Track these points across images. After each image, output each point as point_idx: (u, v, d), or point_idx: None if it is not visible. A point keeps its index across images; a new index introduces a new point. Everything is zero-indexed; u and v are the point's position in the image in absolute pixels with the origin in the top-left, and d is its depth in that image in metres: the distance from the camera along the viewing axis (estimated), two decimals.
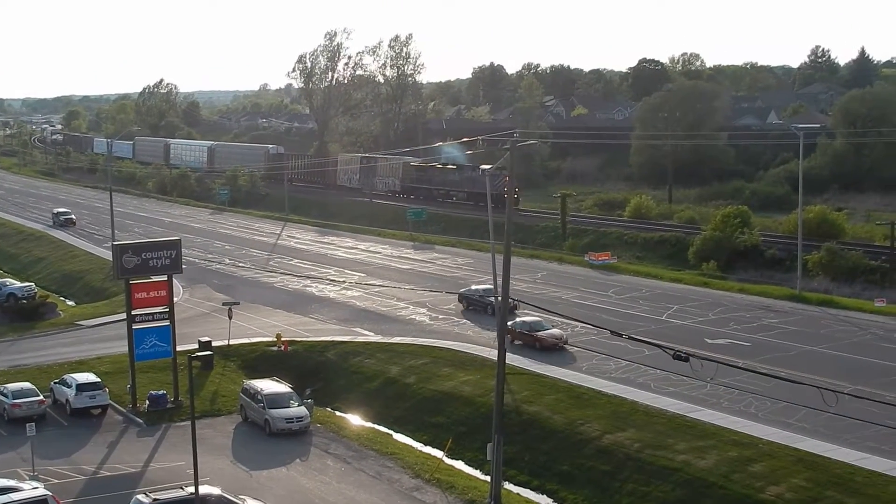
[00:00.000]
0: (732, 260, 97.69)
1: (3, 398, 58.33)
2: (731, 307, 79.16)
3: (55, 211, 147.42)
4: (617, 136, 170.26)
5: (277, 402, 56.32)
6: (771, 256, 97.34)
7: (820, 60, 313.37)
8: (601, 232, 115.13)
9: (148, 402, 59.72)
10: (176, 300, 67.87)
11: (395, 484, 49.17)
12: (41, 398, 58.65)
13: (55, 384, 61.07)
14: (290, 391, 57.95)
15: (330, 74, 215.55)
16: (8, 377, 63.52)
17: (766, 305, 79.55)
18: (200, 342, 67.62)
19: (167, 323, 59.87)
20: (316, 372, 68.48)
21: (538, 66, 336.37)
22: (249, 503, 44.80)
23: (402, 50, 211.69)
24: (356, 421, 61.07)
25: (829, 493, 43.53)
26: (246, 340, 73.51)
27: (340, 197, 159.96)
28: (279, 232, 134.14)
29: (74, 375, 60.76)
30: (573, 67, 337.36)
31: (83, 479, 49.38)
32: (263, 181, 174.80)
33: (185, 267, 65.69)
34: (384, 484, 49.15)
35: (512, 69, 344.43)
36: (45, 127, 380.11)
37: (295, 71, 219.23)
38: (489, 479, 46.77)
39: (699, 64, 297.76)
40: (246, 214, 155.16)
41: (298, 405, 56.77)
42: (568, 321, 69.59)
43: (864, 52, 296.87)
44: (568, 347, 67.84)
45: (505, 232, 43.61)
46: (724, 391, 55.86)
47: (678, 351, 36.29)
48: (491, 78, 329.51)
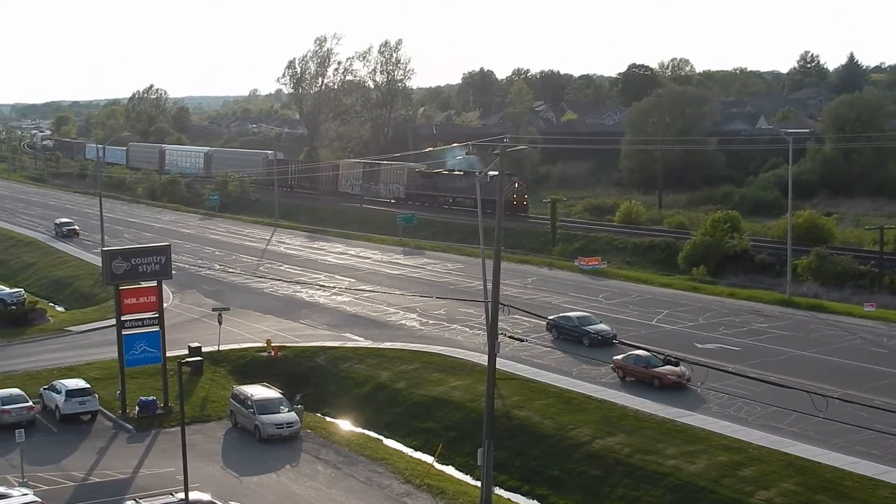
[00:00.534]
0: (722, 265, 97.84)
1: None
2: (720, 312, 79.27)
3: (57, 221, 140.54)
4: (607, 141, 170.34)
5: (267, 407, 56.24)
6: (760, 261, 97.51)
7: (809, 65, 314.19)
8: (591, 237, 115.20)
9: (138, 407, 59.57)
10: (166, 306, 67.76)
11: (385, 490, 49.12)
12: (30, 404, 58.47)
13: (44, 390, 60.89)
14: (280, 397, 57.88)
15: (320, 80, 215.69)
16: None
17: (755, 310, 79.67)
18: (190, 348, 67.52)
19: (157, 328, 59.74)
20: (306, 377, 68.40)
21: (528, 71, 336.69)
22: None
23: (391, 55, 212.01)
24: (346, 426, 61.02)
25: (819, 497, 43.60)
26: (236, 346, 73.38)
27: (333, 202, 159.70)
28: (269, 237, 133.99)
29: (64, 381, 60.63)
30: (563, 73, 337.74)
31: (72, 485, 49.25)
32: (260, 187, 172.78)
33: (174, 272, 65.51)
34: (374, 490, 49.10)
35: (502, 74, 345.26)
36: (34, 132, 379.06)
37: (285, 76, 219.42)
38: (479, 484, 46.77)
39: (689, 69, 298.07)
40: (236, 220, 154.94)
41: (288, 411, 56.70)
42: None
43: (853, 57, 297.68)
44: (691, 386, 58.40)
45: (495, 237, 43.65)
46: (714, 396, 55.94)
47: (668, 355, 36.30)
48: (481, 83, 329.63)
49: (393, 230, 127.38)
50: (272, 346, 71.74)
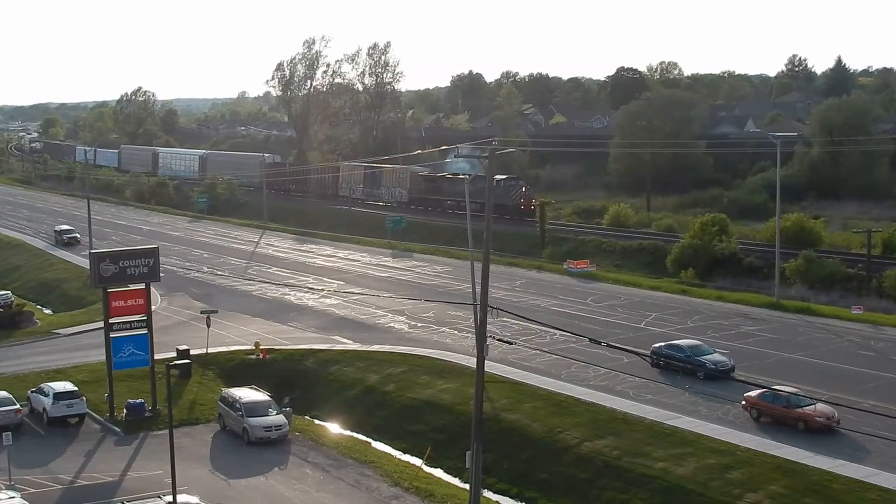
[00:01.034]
0: (710, 268, 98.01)
1: None
2: (709, 315, 79.37)
3: (58, 228, 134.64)
4: (595, 144, 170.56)
5: (256, 410, 56.16)
6: (749, 264, 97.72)
7: (797, 69, 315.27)
8: (580, 240, 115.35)
9: (126, 410, 59.46)
10: (154, 308, 67.57)
11: (374, 492, 49.08)
12: (18, 407, 58.29)
13: (32, 393, 60.71)
14: (268, 399, 57.81)
15: (308, 82, 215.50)
16: None
17: (743, 313, 79.79)
18: (178, 350, 67.37)
19: (145, 331, 59.65)
20: (294, 380, 68.32)
21: (517, 74, 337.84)
22: None
23: (380, 58, 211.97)
24: (335, 429, 60.97)
25: (806, 500, 43.69)
26: (224, 349, 73.26)
27: (322, 205, 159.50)
28: (257, 240, 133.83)
29: (51, 384, 60.44)
30: (552, 76, 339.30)
31: (60, 488, 49.12)
32: (256, 191, 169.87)
33: (163, 275, 65.37)
34: (363, 492, 49.07)
35: (490, 77, 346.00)
36: (22, 135, 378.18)
37: (273, 79, 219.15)
38: (468, 487, 46.72)
39: (677, 72, 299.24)
40: (224, 222, 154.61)
41: (277, 413, 56.64)
42: (546, 329, 69.73)
43: (840, 60, 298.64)
44: (841, 429, 50.59)
45: (484, 240, 43.63)
46: (702, 398, 56.01)
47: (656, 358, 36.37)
48: (470, 86, 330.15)
49: (382, 233, 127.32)
50: (261, 348, 71.64)
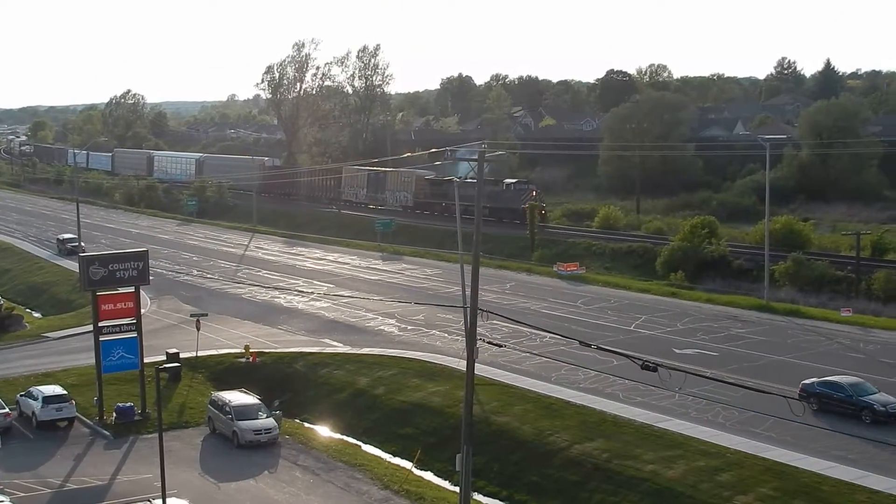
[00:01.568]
0: (700, 270, 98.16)
1: None
2: (698, 317, 79.49)
3: (61, 237, 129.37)
4: (585, 146, 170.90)
5: (246, 413, 56.09)
6: (738, 266, 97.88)
7: (786, 72, 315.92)
8: (570, 242, 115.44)
9: (115, 414, 59.31)
10: (143, 312, 67.50)
11: (363, 496, 49.03)
12: (7, 411, 58.16)
13: (21, 396, 60.54)
14: (258, 403, 57.74)
15: (298, 85, 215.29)
16: None
17: (733, 315, 79.94)
18: (168, 354, 67.22)
19: (134, 335, 59.51)
20: (284, 383, 68.24)
21: (506, 76, 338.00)
22: None
23: (370, 61, 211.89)
24: (325, 432, 60.90)
25: (796, 502, 43.72)
26: (214, 352, 73.15)
27: (311, 208, 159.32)
28: (247, 243, 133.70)
29: (41, 388, 60.28)
30: (541, 78, 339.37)
31: (49, 492, 48.97)
32: (249, 195, 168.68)
33: (152, 278, 65.39)
34: (353, 496, 49.01)
35: (480, 80, 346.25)
36: (10, 138, 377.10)
37: (263, 81, 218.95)
38: (458, 489, 46.69)
39: (666, 75, 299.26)
40: (214, 225, 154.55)
41: (267, 417, 56.57)
42: (537, 332, 69.76)
43: (829, 63, 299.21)
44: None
45: (474, 243, 43.62)
46: (692, 401, 56.05)
47: (646, 361, 36.38)
48: (459, 89, 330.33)
49: (371, 235, 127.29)
50: (250, 351, 71.56)
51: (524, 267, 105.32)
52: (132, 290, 59.85)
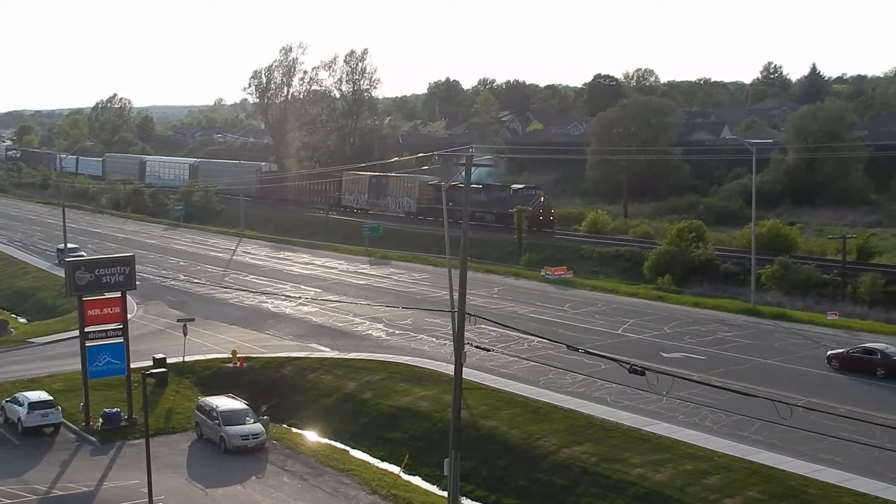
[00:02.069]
0: (687, 274, 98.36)
1: None
2: (686, 321, 79.63)
3: (61, 247, 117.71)
4: (572, 151, 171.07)
5: (233, 418, 55.95)
6: (725, 270, 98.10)
7: (772, 76, 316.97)
8: (557, 246, 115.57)
9: (101, 420, 59.09)
10: (130, 317, 67.24)
11: (351, 500, 48.94)
12: None
13: (7, 402, 60.24)
14: (245, 408, 57.60)
15: (285, 89, 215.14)
16: None
17: (720, 319, 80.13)
18: (155, 359, 67.08)
19: (121, 340, 59.30)
20: (272, 388, 68.09)
21: (494, 81, 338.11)
22: None
23: (357, 65, 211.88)
24: (313, 437, 60.81)
25: None
26: (201, 357, 72.96)
27: (299, 212, 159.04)
28: (234, 248, 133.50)
29: (26, 394, 60.02)
30: (529, 83, 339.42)
31: (35, 498, 48.74)
32: (248, 201, 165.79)
33: (139, 283, 65.08)
34: (341, 500, 48.92)
35: (468, 84, 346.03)
36: None
37: (250, 86, 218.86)
38: (447, 494, 46.65)
39: (653, 79, 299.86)
40: (201, 230, 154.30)
41: (254, 422, 56.44)
42: (524, 336, 69.80)
43: (815, 68, 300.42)
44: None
45: (461, 247, 43.62)
46: (679, 404, 56.14)
47: (634, 365, 36.39)
48: (447, 93, 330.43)
49: (359, 240, 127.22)
50: (238, 356, 71.40)
51: (512, 271, 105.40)
52: (118, 295, 59.63)
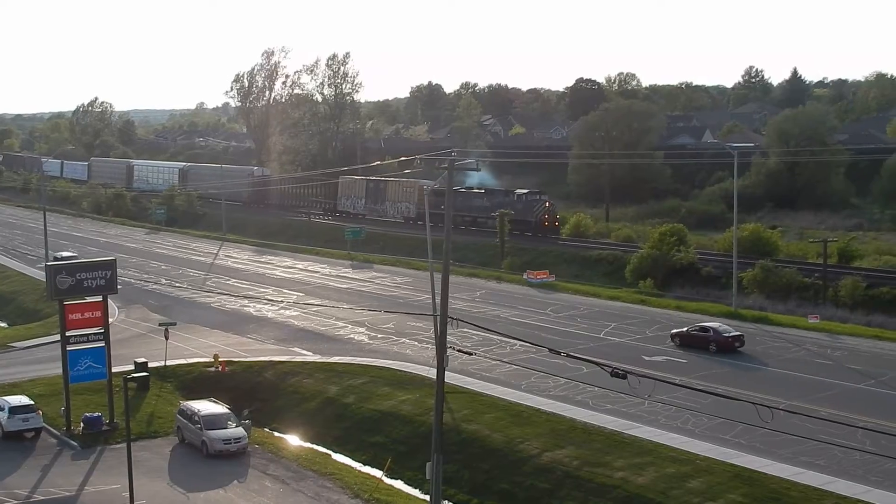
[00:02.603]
0: (669, 278, 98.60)
1: None
2: (668, 324, 79.69)
3: (59, 255, 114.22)
4: (555, 154, 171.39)
5: (215, 423, 55.80)
6: (707, 274, 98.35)
7: (754, 80, 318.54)
8: (539, 250, 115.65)
9: (83, 424, 58.85)
10: (111, 321, 66.97)
11: None
12: None
13: None
14: (227, 412, 57.48)
15: (267, 93, 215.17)
16: None
17: (702, 322, 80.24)
18: (136, 363, 66.85)
19: (102, 344, 59.08)
20: (254, 392, 67.96)
21: (476, 85, 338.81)
22: None
23: (339, 69, 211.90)
24: (295, 441, 60.70)
25: None
26: (183, 361, 72.78)
27: (281, 216, 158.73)
28: (216, 251, 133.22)
29: (7, 398, 59.70)
30: (511, 87, 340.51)
31: (16, 503, 48.51)
32: (236, 206, 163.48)
33: (120, 287, 64.85)
34: None
35: (450, 88, 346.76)
36: None
37: (232, 90, 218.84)
38: (429, 498, 46.64)
39: (635, 84, 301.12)
40: (183, 234, 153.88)
41: (236, 426, 56.31)
42: (507, 339, 69.83)
43: (796, 72, 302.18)
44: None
45: (444, 251, 43.64)
46: (661, 408, 56.23)
47: (616, 368, 36.46)
48: (429, 97, 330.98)
49: (341, 244, 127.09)
50: (219, 361, 71.24)
51: (494, 275, 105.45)
52: (100, 299, 59.42)
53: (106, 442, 57.58)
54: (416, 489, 52.54)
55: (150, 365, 67.83)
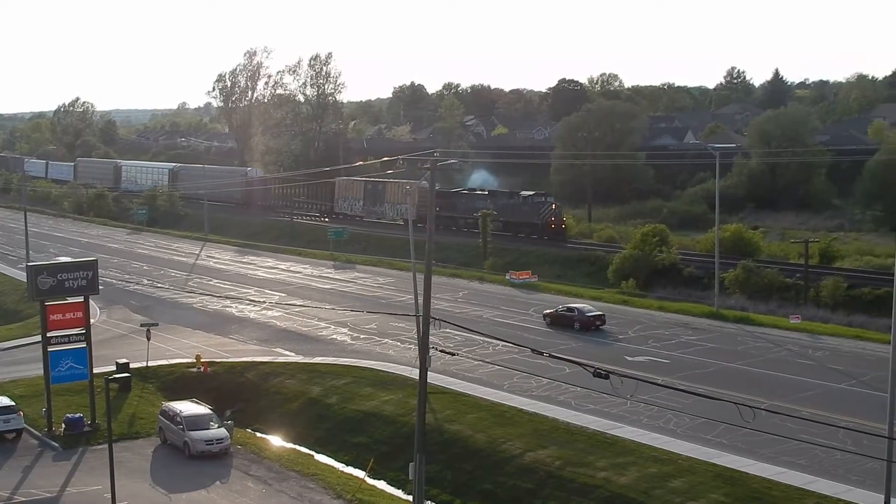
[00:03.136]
0: (651, 278, 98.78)
1: None
2: (650, 325, 79.95)
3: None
4: (537, 155, 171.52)
5: (197, 423, 55.62)
6: (689, 274, 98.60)
7: (735, 81, 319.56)
8: (521, 250, 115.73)
9: (64, 425, 58.61)
10: (93, 322, 66.81)
11: None
12: None
13: None
14: (209, 413, 57.31)
15: (250, 93, 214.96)
16: None
17: (684, 323, 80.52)
18: (118, 364, 66.54)
19: (84, 345, 58.84)
20: (236, 393, 67.81)
21: (458, 85, 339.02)
22: None
23: (322, 69, 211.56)
24: (277, 442, 60.58)
25: None
26: (165, 362, 72.57)
27: (264, 217, 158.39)
28: (198, 252, 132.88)
29: None
30: (493, 87, 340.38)
31: None
32: (228, 208, 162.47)
33: (102, 288, 64.62)
34: None
35: (432, 88, 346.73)
36: None
37: (214, 90, 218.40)
38: (412, 498, 46.64)
39: (617, 84, 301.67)
40: (164, 234, 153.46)
41: (218, 427, 56.13)
42: (489, 339, 69.85)
43: (778, 73, 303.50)
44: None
45: (426, 251, 43.63)
46: (643, 408, 56.30)
47: (598, 368, 36.50)
48: (411, 97, 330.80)
49: (324, 244, 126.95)
50: (201, 361, 71.05)
51: (476, 275, 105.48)
52: (81, 299, 59.18)
53: (87, 443, 57.35)
54: (398, 489, 52.51)
55: (131, 366, 67.57)
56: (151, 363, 70.90)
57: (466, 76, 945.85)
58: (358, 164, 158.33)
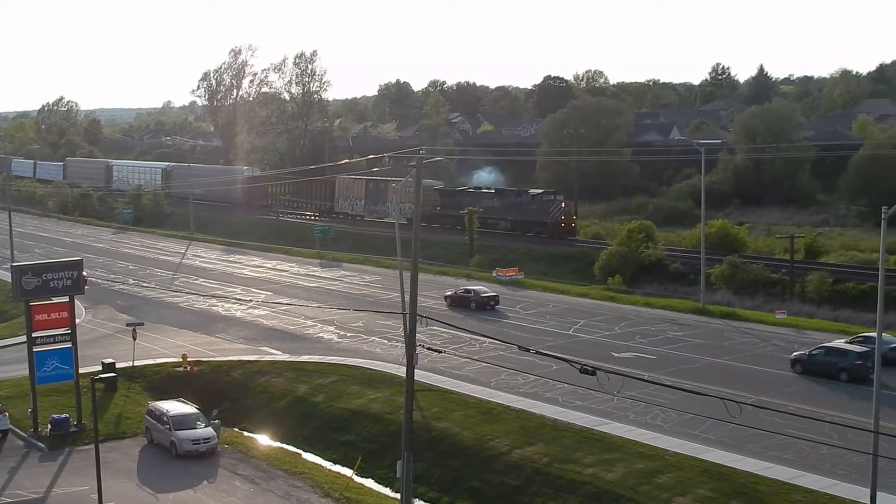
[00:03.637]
0: (638, 274, 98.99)
1: None
2: (636, 321, 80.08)
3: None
4: (523, 152, 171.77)
5: (184, 423, 55.49)
6: (675, 270, 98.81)
7: (720, 77, 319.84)
8: (508, 248, 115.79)
9: (50, 426, 58.39)
10: (78, 322, 66.57)
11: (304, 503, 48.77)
12: None
13: None
14: (196, 412, 57.17)
15: (235, 92, 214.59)
16: None
17: (670, 319, 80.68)
18: (104, 364, 66.37)
19: (69, 345, 58.64)
20: (223, 392, 67.63)
21: (444, 83, 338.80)
22: None
23: (307, 67, 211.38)
24: (264, 441, 60.48)
25: (734, 502, 44.14)
26: (151, 361, 72.37)
27: (249, 215, 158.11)
28: (184, 251, 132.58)
29: None
30: (479, 84, 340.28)
31: None
32: (223, 208, 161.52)
33: (87, 287, 64.44)
34: None
35: (418, 86, 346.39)
36: None
37: (199, 88, 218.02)
38: (399, 496, 46.59)
39: (603, 81, 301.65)
40: (150, 233, 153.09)
41: (205, 426, 56.00)
42: (476, 337, 69.86)
43: (762, 69, 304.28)
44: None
45: (412, 249, 43.57)
46: (630, 404, 56.43)
47: (585, 365, 36.52)
48: (397, 95, 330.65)
49: (310, 242, 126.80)
50: (188, 360, 70.89)
51: (463, 273, 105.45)
52: (66, 299, 58.96)
53: (74, 443, 57.15)
54: (386, 487, 52.47)
55: (117, 365, 67.37)
56: (137, 363, 70.70)
57: (452, 73, 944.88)
58: (344, 161, 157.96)
